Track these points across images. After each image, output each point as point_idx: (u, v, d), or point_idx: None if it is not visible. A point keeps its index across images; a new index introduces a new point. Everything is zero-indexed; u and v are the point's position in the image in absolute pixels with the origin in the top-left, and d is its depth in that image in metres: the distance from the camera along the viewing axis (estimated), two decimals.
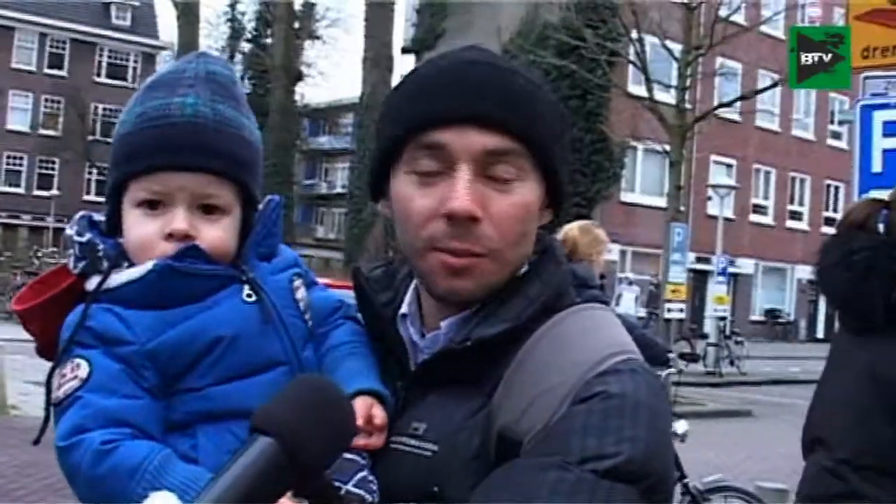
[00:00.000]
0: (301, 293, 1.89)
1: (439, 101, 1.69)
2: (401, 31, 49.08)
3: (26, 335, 1.90)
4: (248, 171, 1.83)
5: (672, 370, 10.29)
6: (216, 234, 1.79)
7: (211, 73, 1.84)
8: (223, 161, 1.78)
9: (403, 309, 1.86)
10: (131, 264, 1.78)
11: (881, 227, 3.86)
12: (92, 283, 1.78)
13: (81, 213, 1.89)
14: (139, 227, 1.78)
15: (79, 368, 1.69)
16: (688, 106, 30.09)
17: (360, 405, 1.72)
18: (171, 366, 1.70)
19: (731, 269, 36.17)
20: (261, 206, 1.91)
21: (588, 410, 1.56)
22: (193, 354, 1.71)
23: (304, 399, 1.42)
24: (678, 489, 8.41)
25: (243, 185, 1.83)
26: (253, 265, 1.83)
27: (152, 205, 1.78)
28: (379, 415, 1.73)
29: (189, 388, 1.71)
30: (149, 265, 1.74)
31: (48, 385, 1.73)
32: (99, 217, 1.87)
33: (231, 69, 1.92)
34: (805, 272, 50.00)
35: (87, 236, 1.81)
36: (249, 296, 1.78)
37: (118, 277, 1.76)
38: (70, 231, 1.83)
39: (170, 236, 1.76)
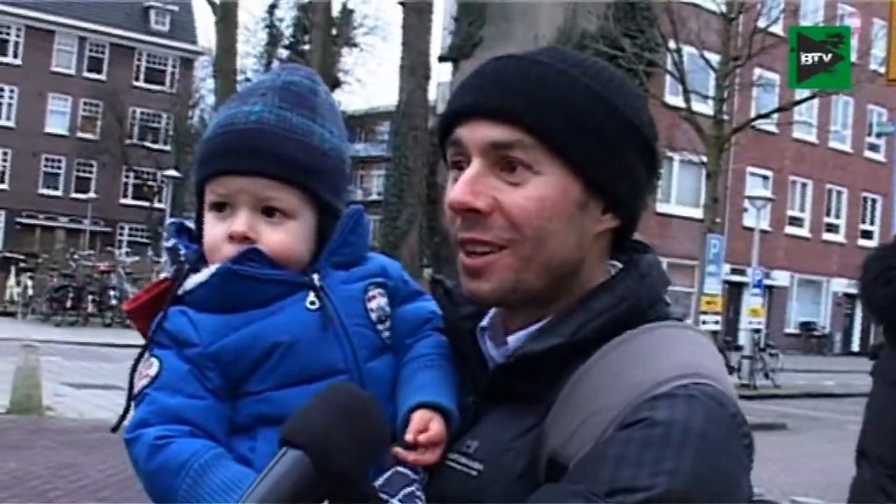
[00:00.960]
0: (376, 303, 1.87)
1: (458, 97, 1.71)
2: (438, 39, 49.10)
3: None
4: (314, 178, 1.84)
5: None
6: (278, 238, 1.81)
7: (288, 82, 1.88)
8: (281, 165, 1.79)
9: (484, 322, 1.82)
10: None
11: None
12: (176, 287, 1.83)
13: (172, 219, 1.95)
14: (210, 230, 1.84)
15: (151, 367, 1.74)
16: (725, 117, 30.02)
17: (417, 419, 1.71)
18: (232, 369, 1.74)
19: (766, 282, 35.97)
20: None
21: (627, 438, 1.46)
22: (253, 359, 1.74)
23: (332, 409, 1.42)
24: None
25: (311, 191, 1.84)
26: (325, 273, 1.83)
27: (220, 207, 1.83)
28: (434, 429, 1.71)
29: (250, 392, 1.74)
30: (213, 269, 1.78)
31: (131, 380, 1.78)
32: (190, 223, 1.93)
33: (315, 79, 1.93)
34: (841, 285, 49.74)
35: (172, 241, 1.88)
36: (313, 303, 1.79)
37: (192, 280, 1.81)
38: (164, 238, 1.92)
39: (231, 238, 1.80)
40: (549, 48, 1.77)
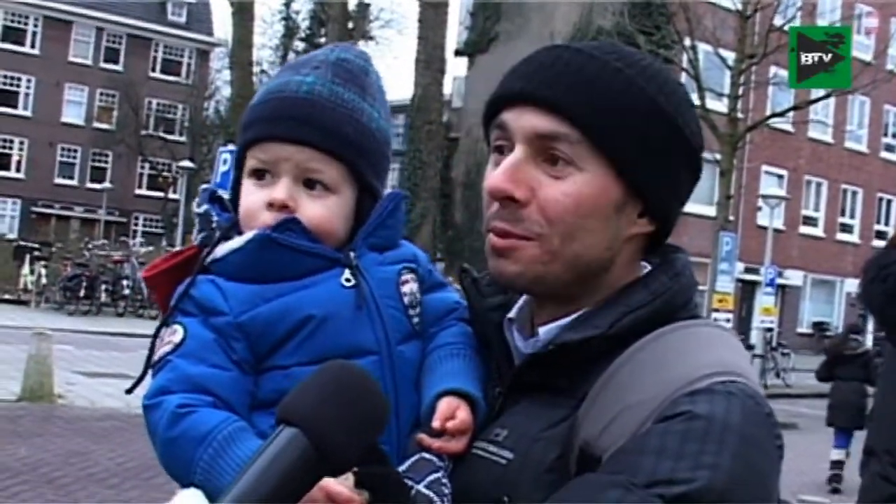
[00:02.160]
0: (409, 288, 1.87)
1: (507, 81, 1.69)
2: (454, 33, 49.13)
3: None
4: (359, 154, 1.83)
5: None
6: (317, 210, 1.80)
7: (341, 59, 1.88)
8: (328, 137, 1.79)
9: (511, 313, 1.81)
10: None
11: None
12: (204, 254, 1.82)
13: (204, 185, 1.95)
14: (248, 196, 1.83)
15: (174, 334, 1.72)
16: (740, 115, 29.94)
17: (444, 406, 1.71)
18: (261, 341, 1.72)
19: (779, 281, 35.89)
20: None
21: (666, 430, 1.46)
22: (283, 332, 1.72)
23: (327, 386, 1.40)
24: None
25: (354, 167, 1.83)
26: (361, 253, 1.82)
27: (260, 175, 1.82)
28: (461, 417, 1.70)
29: (277, 366, 1.72)
30: (249, 235, 1.77)
31: (151, 347, 1.77)
32: (222, 192, 1.91)
33: (368, 60, 1.93)
34: (854, 286, 49.26)
35: (205, 207, 1.86)
36: (348, 280, 1.78)
37: (225, 247, 1.79)
38: (195, 203, 1.89)
39: (270, 206, 1.79)
40: (606, 43, 1.76)
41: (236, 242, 1.78)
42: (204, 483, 1.57)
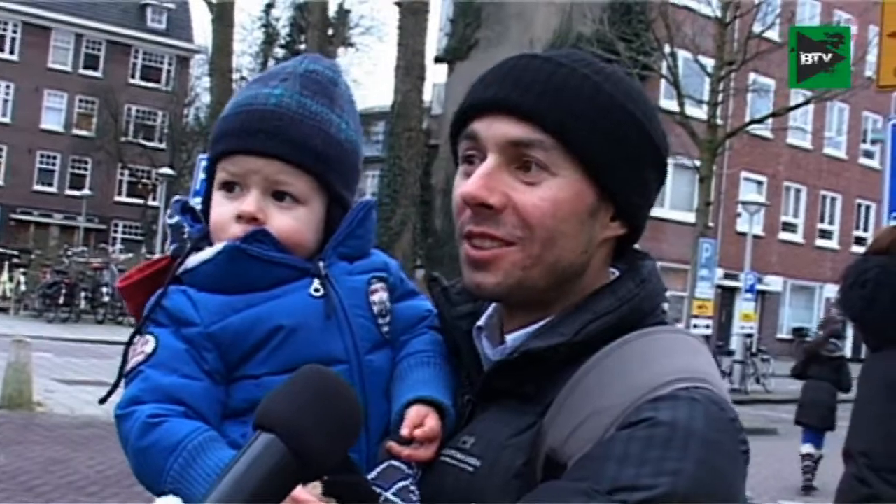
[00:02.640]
0: (378, 297, 1.88)
1: (476, 91, 1.71)
2: (434, 40, 49.12)
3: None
4: (327, 166, 1.84)
5: None
6: (286, 222, 1.81)
7: (309, 70, 1.89)
8: (297, 150, 1.80)
9: (480, 321, 1.82)
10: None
11: None
12: (176, 265, 1.83)
13: (177, 196, 1.96)
14: (218, 208, 1.84)
15: (146, 344, 1.74)
16: (719, 122, 30.07)
17: (413, 414, 1.72)
18: (231, 351, 1.73)
19: (759, 287, 35.99)
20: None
21: (629, 437, 1.46)
22: (253, 342, 1.73)
23: (304, 392, 1.40)
24: None
25: (323, 179, 1.84)
26: (330, 262, 1.84)
27: (231, 187, 1.84)
28: (430, 425, 1.71)
29: (248, 376, 1.74)
30: (219, 246, 1.78)
31: (124, 356, 1.77)
32: (196, 203, 1.93)
33: (336, 71, 1.95)
34: (833, 291, 49.52)
35: (176, 219, 1.87)
36: (317, 290, 1.79)
37: (196, 258, 1.80)
38: (167, 215, 1.90)
39: (239, 218, 1.80)
40: (570, 51, 1.77)
41: (207, 254, 1.79)
42: (174, 492, 1.58)
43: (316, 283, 1.79)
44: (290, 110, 1.81)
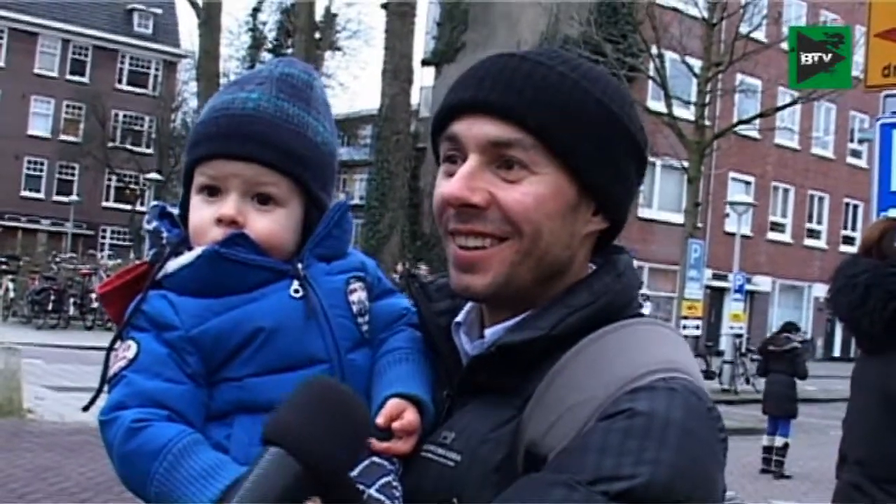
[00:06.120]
0: (357, 297, 1.90)
1: (456, 92, 1.73)
2: (421, 43, 49.14)
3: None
4: (305, 168, 1.86)
5: None
6: (265, 225, 1.83)
7: (285, 74, 1.91)
8: (276, 153, 1.82)
9: (459, 317, 1.85)
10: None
11: None
12: (155, 269, 1.83)
13: (155, 202, 1.96)
14: (197, 212, 1.85)
15: (128, 350, 1.75)
16: (707, 122, 30.14)
17: (390, 406, 1.74)
18: (213, 354, 1.74)
19: (747, 287, 36.06)
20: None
21: (608, 428, 1.49)
22: (234, 344, 1.75)
23: (310, 404, 1.42)
24: None
25: (301, 181, 1.86)
26: (309, 263, 1.86)
27: (210, 191, 1.85)
28: (409, 418, 1.74)
29: (229, 378, 1.75)
30: (198, 251, 1.79)
31: (106, 362, 1.78)
32: (172, 208, 1.93)
33: (312, 74, 1.97)
34: (822, 291, 49.58)
35: (154, 224, 1.88)
36: (297, 291, 1.81)
37: (175, 263, 1.81)
38: (144, 220, 1.91)
39: (219, 221, 1.81)
40: (546, 49, 1.79)
41: (186, 258, 1.80)
42: (160, 496, 1.60)
43: (295, 285, 1.81)
44: (268, 114, 1.83)
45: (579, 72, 1.71)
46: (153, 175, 45.33)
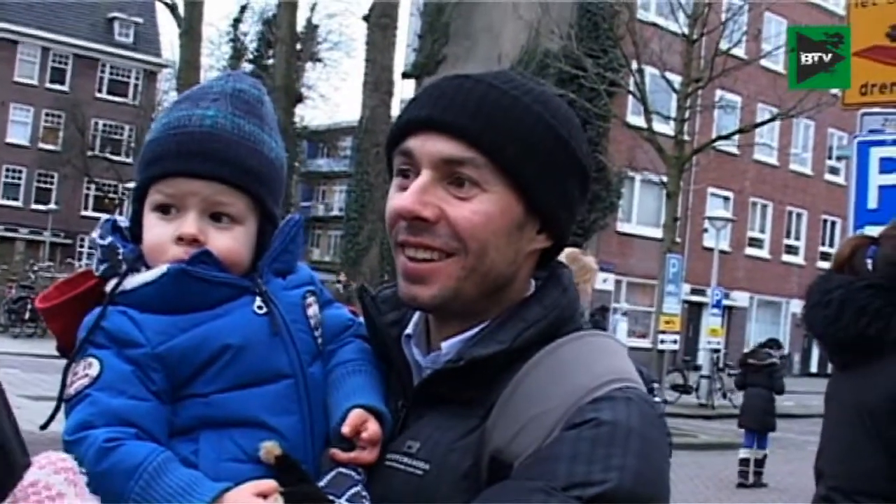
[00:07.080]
0: (313, 310, 1.92)
1: (412, 109, 1.79)
2: (402, 56, 49.18)
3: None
4: (262, 185, 1.88)
5: (657, 400, 10.36)
6: (226, 242, 1.84)
7: (238, 90, 1.91)
8: (235, 171, 1.83)
9: (408, 329, 1.90)
10: (149, 269, 1.82)
11: (868, 262, 3.99)
12: (111, 286, 1.82)
13: (106, 216, 1.96)
14: (153, 230, 1.85)
15: (90, 367, 1.74)
16: (686, 138, 30.26)
17: (354, 417, 1.76)
18: (179, 370, 1.74)
19: (725, 302, 36.20)
20: (281, 224, 1.96)
21: (577, 437, 1.59)
22: (201, 360, 1.75)
23: None
24: None
25: (258, 198, 1.87)
26: (267, 279, 1.87)
27: (166, 209, 1.84)
28: (372, 429, 1.76)
29: (195, 394, 1.75)
30: (163, 268, 1.79)
31: (63, 380, 1.78)
32: (123, 222, 1.93)
33: (260, 89, 1.97)
34: (799, 306, 49.60)
35: (109, 239, 1.87)
36: (260, 307, 1.82)
37: (135, 280, 1.81)
38: (94, 234, 1.89)
39: (179, 240, 1.81)
40: (502, 72, 1.87)
41: (149, 276, 1.80)
42: None
43: (258, 301, 1.83)
44: (225, 132, 1.84)
45: (531, 96, 1.80)
46: (133, 184, 45.09)
